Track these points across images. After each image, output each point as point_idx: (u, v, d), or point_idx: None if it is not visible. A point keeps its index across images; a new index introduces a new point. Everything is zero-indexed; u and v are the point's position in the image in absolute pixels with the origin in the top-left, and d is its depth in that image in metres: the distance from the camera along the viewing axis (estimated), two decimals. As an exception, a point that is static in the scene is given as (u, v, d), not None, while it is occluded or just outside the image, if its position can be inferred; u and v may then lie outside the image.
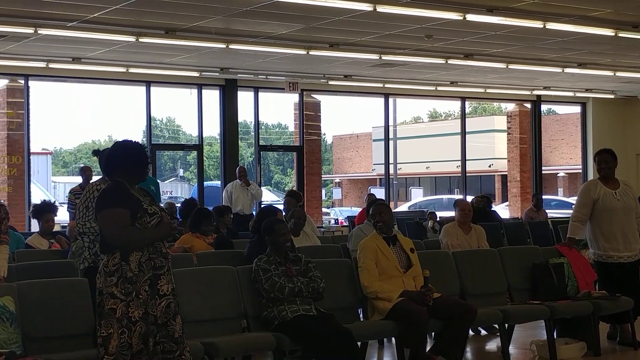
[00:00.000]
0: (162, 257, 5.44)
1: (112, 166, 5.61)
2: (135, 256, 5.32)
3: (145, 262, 5.34)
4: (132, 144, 5.66)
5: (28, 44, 13.23)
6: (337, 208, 37.32)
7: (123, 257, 5.31)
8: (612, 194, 8.42)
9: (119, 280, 5.28)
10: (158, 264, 5.39)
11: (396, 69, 16.79)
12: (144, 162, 5.63)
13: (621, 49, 14.75)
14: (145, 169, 5.67)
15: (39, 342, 5.98)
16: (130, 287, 5.28)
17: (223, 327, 6.78)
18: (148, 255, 5.36)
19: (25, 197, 15.69)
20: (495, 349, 8.76)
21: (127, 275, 5.28)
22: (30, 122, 15.88)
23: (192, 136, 31.18)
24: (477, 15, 11.51)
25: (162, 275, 5.40)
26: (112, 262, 5.32)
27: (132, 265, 5.30)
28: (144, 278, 5.31)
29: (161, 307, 5.35)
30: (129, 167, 5.54)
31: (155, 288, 5.35)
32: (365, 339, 7.45)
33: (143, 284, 5.31)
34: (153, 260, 5.37)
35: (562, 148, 36.84)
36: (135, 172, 5.58)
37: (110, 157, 5.65)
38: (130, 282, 5.28)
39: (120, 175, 5.53)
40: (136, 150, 5.61)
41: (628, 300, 8.26)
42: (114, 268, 5.30)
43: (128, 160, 5.54)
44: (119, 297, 5.26)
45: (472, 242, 9.81)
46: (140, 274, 5.31)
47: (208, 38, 12.98)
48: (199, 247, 9.07)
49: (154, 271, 5.36)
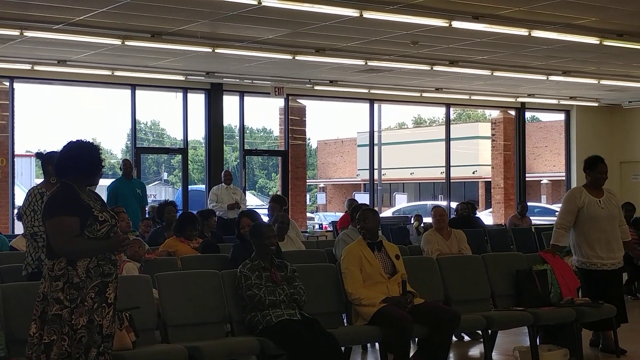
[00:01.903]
0: (111, 264, 5.27)
1: (65, 167, 5.34)
2: (83, 262, 5.15)
3: (93, 268, 5.17)
4: (86, 144, 5.40)
5: (13, 46, 13.18)
6: (322, 213, 37.34)
7: (69, 262, 5.13)
8: (596, 202, 8.46)
9: (64, 286, 5.10)
10: (107, 271, 5.23)
11: (382, 75, 16.82)
12: (98, 163, 5.39)
13: (605, 57, 14.82)
14: (99, 172, 5.40)
15: (22, 344, 5.93)
16: (76, 294, 5.10)
17: (207, 332, 6.77)
18: (97, 262, 5.19)
19: (9, 200, 15.61)
20: (478, 355, 8.79)
21: (73, 281, 5.11)
22: (14, 124, 15.81)
23: (177, 140, 31.17)
24: (463, 22, 11.55)
25: (110, 282, 5.23)
26: (58, 266, 5.14)
27: (79, 271, 5.13)
28: (91, 285, 5.14)
29: (108, 316, 5.21)
30: (83, 169, 5.30)
31: (103, 296, 5.19)
32: (349, 344, 7.46)
33: (89, 291, 5.13)
34: (102, 267, 5.21)
35: (546, 155, 36.99)
36: (88, 174, 5.35)
37: (63, 157, 5.38)
38: (76, 288, 5.11)
39: (72, 177, 5.29)
40: (90, 151, 5.37)
41: (611, 308, 8.30)
42: (60, 273, 5.12)
43: (82, 162, 5.30)
44: (64, 304, 5.08)
45: (453, 246, 9.85)
46: (88, 280, 5.14)
47: (194, 42, 12.97)
48: (184, 251, 9.06)
49: (102, 278, 5.20)
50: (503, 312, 8.15)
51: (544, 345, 8.12)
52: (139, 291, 6.54)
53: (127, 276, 7.09)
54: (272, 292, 6.90)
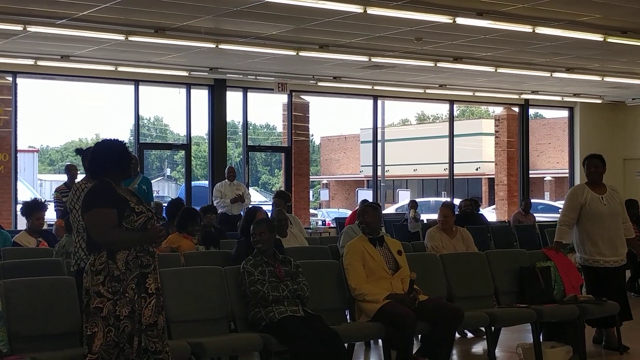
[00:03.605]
0: (149, 256, 5.41)
1: (96, 167, 5.56)
2: (122, 254, 5.29)
3: (132, 260, 5.31)
4: (115, 143, 5.62)
5: (16, 41, 13.18)
6: (325, 209, 37.33)
7: (110, 256, 5.28)
8: (598, 199, 8.45)
9: (105, 279, 5.25)
10: (145, 262, 5.37)
11: (385, 71, 16.80)
12: (128, 160, 5.60)
13: (609, 54, 14.80)
14: (130, 167, 5.63)
15: (25, 340, 5.95)
16: (118, 286, 5.25)
17: (210, 328, 6.77)
18: (135, 253, 5.33)
19: (11, 195, 15.63)
20: (481, 352, 8.78)
21: (114, 274, 5.25)
22: (17, 119, 15.82)
23: (180, 135, 31.15)
24: (467, 18, 11.54)
25: (149, 273, 5.37)
26: (99, 260, 5.29)
27: (119, 264, 5.27)
28: (131, 276, 5.28)
29: (150, 305, 5.33)
30: (114, 167, 5.50)
31: (143, 286, 5.33)
32: (352, 340, 7.46)
33: (130, 282, 5.28)
34: (140, 258, 5.34)
35: (549, 152, 36.97)
36: (119, 172, 5.54)
37: (94, 158, 5.60)
38: (117, 281, 5.25)
39: (105, 175, 5.48)
40: (119, 150, 5.58)
41: (614, 305, 8.29)
42: (101, 267, 5.27)
43: (112, 161, 5.50)
44: (106, 296, 5.23)
45: (458, 245, 9.79)
46: (127, 272, 5.28)
47: (197, 37, 12.96)
48: (187, 247, 9.06)
49: (141, 269, 5.34)
50: (506, 309, 8.14)
51: (547, 342, 8.11)
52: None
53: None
54: (275, 288, 6.88)
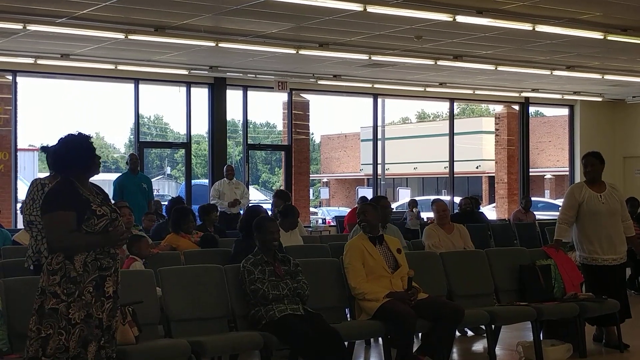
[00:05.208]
0: (110, 258, 5.21)
1: (59, 163, 5.34)
2: (81, 256, 5.10)
3: (91, 262, 5.12)
4: (78, 137, 5.32)
5: (16, 39, 13.17)
6: (325, 208, 37.34)
7: (67, 256, 5.10)
8: (597, 197, 8.44)
9: (62, 280, 5.06)
10: (105, 264, 5.17)
11: (385, 70, 16.80)
12: (91, 155, 5.29)
13: (610, 52, 14.80)
14: (94, 163, 5.31)
15: (24, 339, 5.93)
16: (73, 287, 5.06)
17: (210, 326, 6.76)
18: (94, 255, 5.14)
19: (11, 194, 15.64)
20: (481, 350, 8.78)
21: (70, 275, 5.06)
22: (17, 118, 15.82)
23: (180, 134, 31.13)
24: (467, 16, 11.53)
25: (108, 276, 5.18)
26: (55, 260, 5.11)
27: (76, 265, 5.08)
28: (88, 279, 5.10)
29: (107, 309, 5.16)
30: (76, 163, 5.24)
31: (101, 289, 5.14)
32: (353, 339, 7.45)
33: (87, 285, 5.09)
34: (100, 260, 5.15)
35: (550, 150, 36.94)
36: (83, 168, 5.28)
37: (56, 153, 5.33)
38: (73, 282, 5.06)
39: (70, 171, 5.25)
40: (83, 144, 5.29)
41: (614, 303, 8.29)
42: (57, 267, 5.09)
43: (76, 156, 5.24)
44: (61, 297, 5.06)
45: (456, 241, 9.82)
46: (85, 274, 5.09)
47: (197, 36, 12.96)
48: (185, 246, 9.05)
49: (100, 272, 5.14)
50: (506, 307, 8.14)
51: (547, 340, 8.10)
52: (142, 286, 6.54)
53: (130, 271, 7.10)
54: (275, 286, 6.89)
